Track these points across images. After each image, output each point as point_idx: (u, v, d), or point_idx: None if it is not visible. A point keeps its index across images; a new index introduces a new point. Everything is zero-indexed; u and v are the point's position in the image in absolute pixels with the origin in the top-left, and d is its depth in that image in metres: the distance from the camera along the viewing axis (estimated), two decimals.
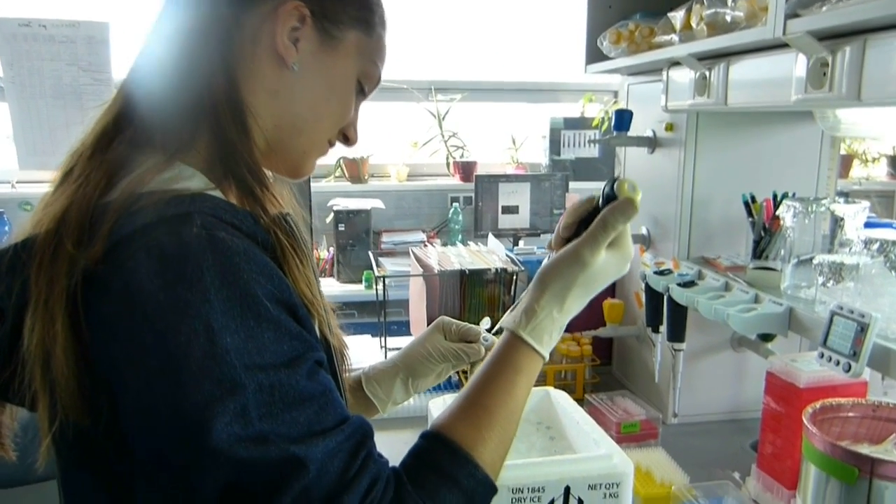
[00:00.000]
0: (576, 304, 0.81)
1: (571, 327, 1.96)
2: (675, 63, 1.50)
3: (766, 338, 1.58)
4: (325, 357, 0.70)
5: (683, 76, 1.46)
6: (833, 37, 1.03)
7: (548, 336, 0.79)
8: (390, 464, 0.70)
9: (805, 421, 0.94)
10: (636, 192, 0.80)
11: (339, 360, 0.80)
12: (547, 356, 0.80)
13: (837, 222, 1.25)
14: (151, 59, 0.75)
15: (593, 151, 4.10)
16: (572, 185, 3.89)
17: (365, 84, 0.83)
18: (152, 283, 0.59)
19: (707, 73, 1.35)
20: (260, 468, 0.58)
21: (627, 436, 1.50)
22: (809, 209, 1.27)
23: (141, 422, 0.62)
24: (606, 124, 3.96)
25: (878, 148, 4.32)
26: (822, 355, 1.09)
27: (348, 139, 0.85)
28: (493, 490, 0.72)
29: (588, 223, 0.81)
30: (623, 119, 1.70)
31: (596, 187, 3.25)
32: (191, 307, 0.59)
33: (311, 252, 0.76)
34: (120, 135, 0.73)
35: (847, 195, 1.88)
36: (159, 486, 0.63)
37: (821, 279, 1.17)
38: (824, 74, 1.05)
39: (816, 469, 0.90)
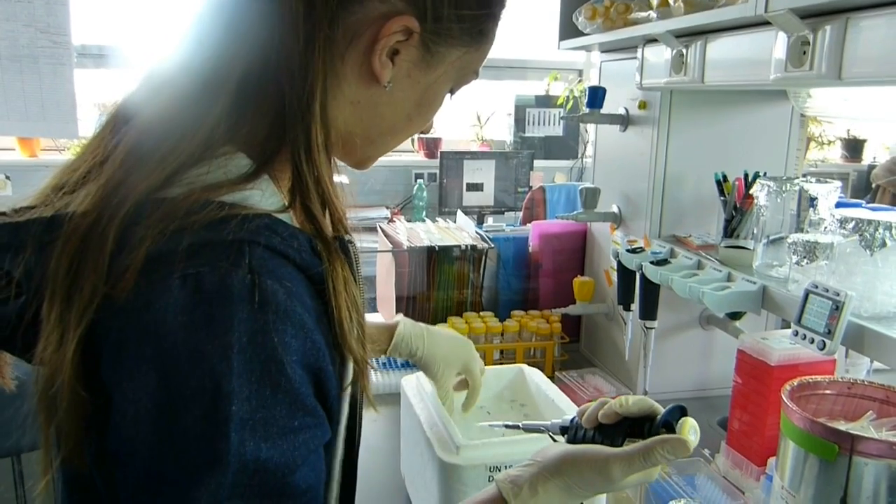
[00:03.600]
0: (580, 500, 0.76)
1: (541, 305, 1.97)
2: (650, 40, 1.49)
3: (735, 316, 1.60)
4: (343, 417, 0.68)
5: (659, 54, 1.45)
6: (814, 15, 1.02)
7: None
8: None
9: (784, 398, 0.94)
10: (696, 437, 0.75)
11: (362, 407, 0.77)
12: None
13: (811, 201, 1.26)
14: (222, 42, 0.63)
15: (558, 130, 4.11)
16: (537, 163, 3.89)
17: (457, 89, 0.77)
18: (176, 319, 0.54)
19: (684, 51, 1.34)
20: None
21: None
22: (783, 188, 1.27)
23: (122, 463, 0.56)
24: (571, 103, 3.96)
25: (833, 131, 4.42)
26: (796, 333, 1.10)
27: (424, 131, 0.79)
28: None
29: (632, 424, 0.78)
30: (596, 96, 1.69)
31: (560, 166, 3.26)
32: (206, 360, 0.53)
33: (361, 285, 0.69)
34: (188, 121, 0.62)
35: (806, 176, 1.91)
36: None
37: (795, 258, 1.18)
38: (804, 53, 1.05)
39: (795, 446, 0.91)
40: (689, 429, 0.74)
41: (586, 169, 4.09)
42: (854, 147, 4.41)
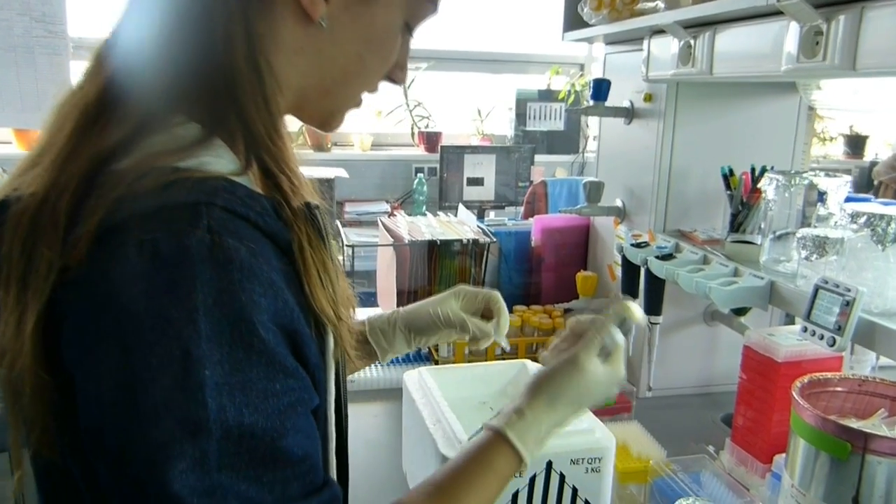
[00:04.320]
0: (567, 412, 0.78)
1: (543, 299, 1.95)
2: (657, 31, 1.47)
3: (740, 312, 1.58)
4: (329, 381, 0.65)
5: (666, 45, 1.43)
6: (828, 4, 1.00)
7: (533, 439, 0.75)
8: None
9: (795, 395, 0.93)
10: (640, 311, 0.84)
11: (345, 375, 0.73)
12: (528, 460, 0.74)
13: (820, 196, 1.24)
14: (152, 8, 0.63)
15: (559, 124, 4.08)
16: (538, 157, 3.87)
17: (415, 24, 0.71)
18: (135, 287, 0.51)
19: (692, 42, 1.32)
20: None
21: (601, 409, 1.48)
22: (792, 182, 1.25)
23: (92, 447, 0.53)
24: (573, 97, 3.94)
25: (835, 128, 4.40)
26: (805, 329, 1.08)
27: (395, 80, 0.73)
28: None
29: None
30: (601, 88, 1.67)
31: (561, 161, 3.25)
32: (172, 326, 0.50)
33: (335, 252, 0.67)
34: (131, 90, 0.61)
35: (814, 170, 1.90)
36: None
37: (804, 253, 1.16)
38: (817, 44, 1.03)
39: (806, 444, 0.89)
40: (630, 304, 0.84)
41: (587, 164, 4.07)
42: (856, 143, 4.38)
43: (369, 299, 2.15)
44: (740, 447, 1.33)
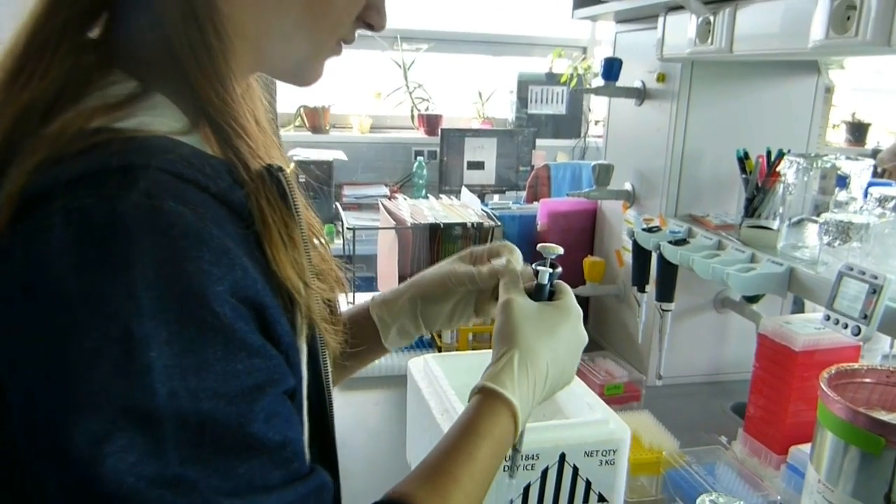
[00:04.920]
0: (533, 346, 0.72)
1: None
2: (673, 7, 1.42)
3: (753, 299, 1.54)
4: (305, 364, 0.58)
5: (682, 23, 1.38)
6: None
7: (511, 380, 0.69)
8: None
9: (822, 386, 0.89)
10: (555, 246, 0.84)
11: (324, 355, 0.65)
12: (516, 402, 0.68)
13: (842, 180, 1.19)
14: None
15: (561, 108, 4.03)
16: (539, 141, 3.81)
17: None
18: (62, 261, 0.45)
19: (711, 18, 1.27)
20: None
21: (611, 398, 1.44)
22: (813, 165, 1.21)
23: (30, 447, 0.46)
24: (575, 80, 3.89)
25: (838, 115, 4.35)
26: (828, 317, 1.04)
27: (373, 25, 0.66)
28: None
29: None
30: (612, 68, 1.62)
31: (562, 145, 3.21)
32: (108, 303, 0.44)
33: (302, 219, 0.59)
34: (71, 40, 0.55)
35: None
36: None
37: (826, 239, 1.12)
38: (848, 18, 0.98)
39: (834, 437, 0.86)
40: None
41: (589, 148, 4.02)
42: (858, 131, 4.34)
43: (369, 284, 2.10)
44: (754, 438, 1.29)
